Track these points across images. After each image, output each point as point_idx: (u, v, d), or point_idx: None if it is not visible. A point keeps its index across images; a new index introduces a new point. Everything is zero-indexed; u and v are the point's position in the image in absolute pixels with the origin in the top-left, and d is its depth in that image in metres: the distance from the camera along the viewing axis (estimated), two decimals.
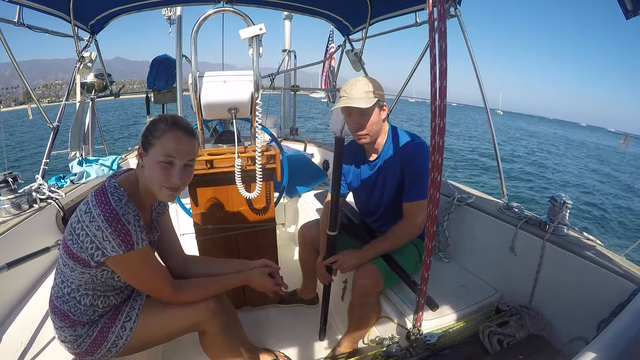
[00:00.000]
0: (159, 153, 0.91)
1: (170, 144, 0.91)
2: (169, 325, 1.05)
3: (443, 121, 0.86)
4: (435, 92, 0.86)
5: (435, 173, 0.90)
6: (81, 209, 0.89)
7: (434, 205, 0.93)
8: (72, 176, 2.14)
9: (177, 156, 0.92)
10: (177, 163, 0.92)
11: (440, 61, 0.83)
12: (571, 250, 1.22)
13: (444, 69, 0.83)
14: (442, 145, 0.88)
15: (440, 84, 0.84)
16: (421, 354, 1.12)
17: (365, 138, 1.35)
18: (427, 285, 1.05)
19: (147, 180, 0.94)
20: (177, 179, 0.93)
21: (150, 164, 0.92)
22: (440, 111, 0.85)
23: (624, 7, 1.05)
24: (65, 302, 0.96)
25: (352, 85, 1.29)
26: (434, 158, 0.89)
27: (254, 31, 1.34)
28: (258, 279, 1.17)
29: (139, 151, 0.94)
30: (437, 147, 0.87)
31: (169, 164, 0.92)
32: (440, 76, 0.84)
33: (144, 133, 0.93)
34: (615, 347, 0.50)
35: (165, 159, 0.91)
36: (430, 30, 0.85)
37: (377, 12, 2.50)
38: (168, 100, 3.34)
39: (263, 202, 1.68)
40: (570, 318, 1.20)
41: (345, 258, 1.36)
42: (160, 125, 0.92)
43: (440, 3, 0.82)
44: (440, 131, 0.86)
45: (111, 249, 0.86)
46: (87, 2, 2.22)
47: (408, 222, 1.35)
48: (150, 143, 0.91)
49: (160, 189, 0.93)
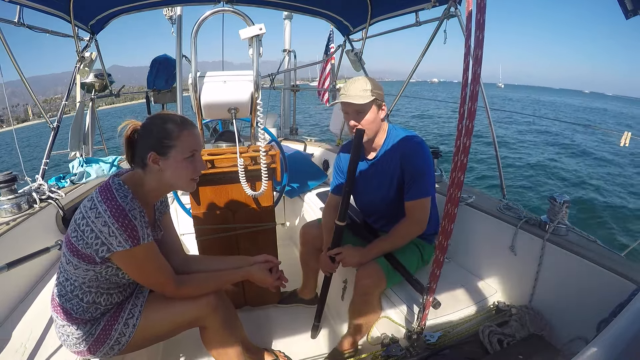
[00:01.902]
0: (184, 151, 0.96)
1: (190, 140, 0.98)
2: (170, 321, 1.06)
3: (472, 123, 0.87)
4: (465, 96, 0.87)
5: (459, 173, 0.91)
6: (86, 205, 0.90)
7: (453, 204, 0.94)
8: (72, 176, 2.14)
9: (197, 148, 1.01)
10: (197, 153, 1.01)
11: (474, 67, 0.83)
12: (571, 250, 1.22)
13: (477, 75, 0.84)
14: (469, 146, 0.88)
15: (473, 88, 0.84)
16: (421, 354, 1.12)
17: None
18: (437, 283, 1.05)
19: (170, 180, 0.98)
20: (203, 166, 1.04)
21: (175, 163, 0.96)
22: (469, 113, 0.86)
23: (624, 7, 1.05)
24: (68, 300, 0.97)
25: (350, 84, 1.33)
26: (458, 158, 0.90)
27: (253, 31, 1.34)
28: (258, 274, 1.18)
29: (153, 157, 0.94)
30: (462, 148, 0.89)
31: (192, 157, 0.99)
32: (473, 80, 0.84)
33: (156, 139, 0.94)
34: (615, 347, 0.50)
35: (190, 154, 0.98)
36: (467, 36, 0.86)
37: (377, 12, 2.50)
38: (168, 100, 3.35)
39: (263, 202, 1.68)
40: (570, 318, 1.20)
41: (348, 253, 1.37)
42: (170, 126, 0.95)
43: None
44: (467, 132, 0.87)
45: (117, 244, 0.86)
46: (87, 2, 2.22)
47: (410, 221, 1.36)
48: (168, 146, 0.95)
49: (189, 182, 1.02)
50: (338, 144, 3.29)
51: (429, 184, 1.35)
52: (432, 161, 1.42)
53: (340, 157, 1.60)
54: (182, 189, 1.06)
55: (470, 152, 0.90)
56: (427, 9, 2.08)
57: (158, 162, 0.95)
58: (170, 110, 1.04)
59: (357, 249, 1.38)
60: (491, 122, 1.86)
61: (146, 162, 0.95)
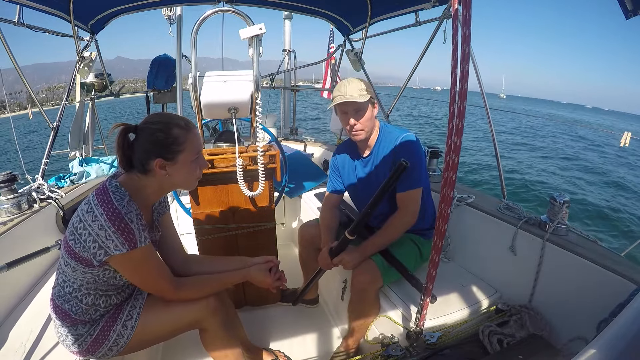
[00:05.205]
0: (191, 154, 0.98)
1: (197, 141, 1.00)
2: (169, 323, 1.06)
3: (462, 122, 0.87)
4: (455, 95, 0.87)
5: (450, 172, 0.90)
6: (83, 208, 0.89)
7: (446, 204, 0.94)
8: (72, 176, 2.14)
9: (201, 147, 1.05)
10: (201, 152, 1.04)
11: (462, 64, 0.83)
12: (571, 250, 1.22)
13: (465, 72, 0.84)
14: (459, 145, 0.88)
15: (462, 86, 0.85)
16: (421, 354, 1.12)
17: (361, 134, 1.38)
18: (433, 284, 1.05)
19: (178, 182, 1.01)
20: (206, 164, 1.06)
21: (183, 167, 0.97)
22: (459, 112, 0.86)
23: (624, 7, 1.05)
24: (67, 302, 0.97)
25: (345, 85, 1.34)
26: (450, 158, 0.90)
27: (253, 31, 1.34)
28: (258, 276, 1.18)
29: (160, 164, 0.93)
30: (453, 147, 0.88)
31: (198, 157, 1.01)
32: (462, 78, 0.84)
33: (162, 145, 0.93)
34: (615, 347, 0.50)
35: (196, 156, 1.00)
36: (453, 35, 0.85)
37: (377, 11, 2.50)
38: (168, 100, 3.34)
39: (263, 201, 1.68)
40: (570, 318, 1.20)
41: (347, 257, 1.37)
42: (177, 131, 0.94)
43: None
44: (458, 132, 0.87)
45: (114, 248, 0.86)
46: (87, 2, 2.22)
47: (402, 212, 1.38)
48: (177, 151, 0.94)
49: (195, 182, 1.05)
50: (338, 143, 3.29)
51: (420, 175, 1.37)
52: (424, 154, 1.46)
53: (336, 157, 1.61)
54: (187, 188, 1.09)
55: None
56: (427, 9, 2.08)
57: (165, 168, 0.94)
58: (168, 112, 1.05)
59: (355, 249, 1.38)
60: (491, 123, 1.86)
61: (148, 168, 0.93)
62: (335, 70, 3.55)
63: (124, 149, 0.93)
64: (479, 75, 1.84)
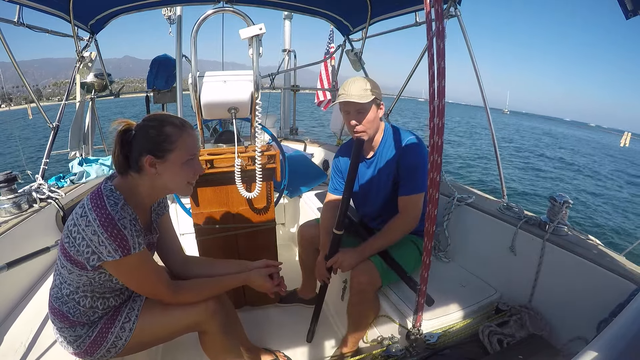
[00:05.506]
0: (184, 154, 0.94)
1: (191, 142, 0.96)
2: (168, 325, 1.05)
3: (442, 121, 0.86)
4: (433, 92, 0.86)
5: (435, 173, 0.90)
6: (77, 212, 0.88)
7: (433, 205, 0.93)
8: (72, 176, 2.14)
9: (196, 150, 0.99)
10: (196, 156, 1.00)
11: (438, 61, 0.83)
12: (571, 250, 1.22)
13: (442, 68, 0.83)
14: (441, 145, 0.88)
15: (439, 84, 0.84)
16: (421, 354, 1.12)
17: (363, 135, 1.37)
18: (426, 286, 1.05)
19: (167, 183, 0.96)
20: (201, 169, 1.01)
21: (173, 167, 0.94)
22: (439, 111, 0.85)
23: (624, 7, 1.05)
24: (65, 304, 0.96)
25: (350, 84, 1.32)
26: (433, 158, 0.89)
27: (253, 31, 1.34)
28: (257, 280, 1.17)
29: (150, 161, 0.91)
30: (435, 146, 0.88)
31: (191, 160, 0.98)
32: (439, 76, 0.84)
33: (154, 142, 0.91)
34: (615, 347, 0.50)
35: (189, 157, 0.96)
36: (427, 30, 0.85)
37: (377, 12, 2.50)
38: (168, 100, 3.34)
39: (263, 202, 1.68)
40: (570, 318, 1.20)
41: (344, 257, 1.37)
42: (169, 129, 0.92)
43: (437, 3, 0.81)
44: (439, 131, 0.86)
45: (107, 254, 0.85)
46: (87, 2, 2.22)
47: (403, 216, 1.37)
48: (167, 149, 0.92)
49: (186, 186, 0.99)
50: (338, 143, 3.29)
51: (424, 179, 1.36)
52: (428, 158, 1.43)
53: (339, 158, 1.60)
54: (178, 193, 1.05)
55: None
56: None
57: (155, 166, 0.92)
58: (167, 112, 1.03)
59: (353, 250, 1.38)
60: (491, 123, 1.86)
61: (139, 164, 0.92)
62: (335, 71, 3.55)
63: (122, 147, 0.92)
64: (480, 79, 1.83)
